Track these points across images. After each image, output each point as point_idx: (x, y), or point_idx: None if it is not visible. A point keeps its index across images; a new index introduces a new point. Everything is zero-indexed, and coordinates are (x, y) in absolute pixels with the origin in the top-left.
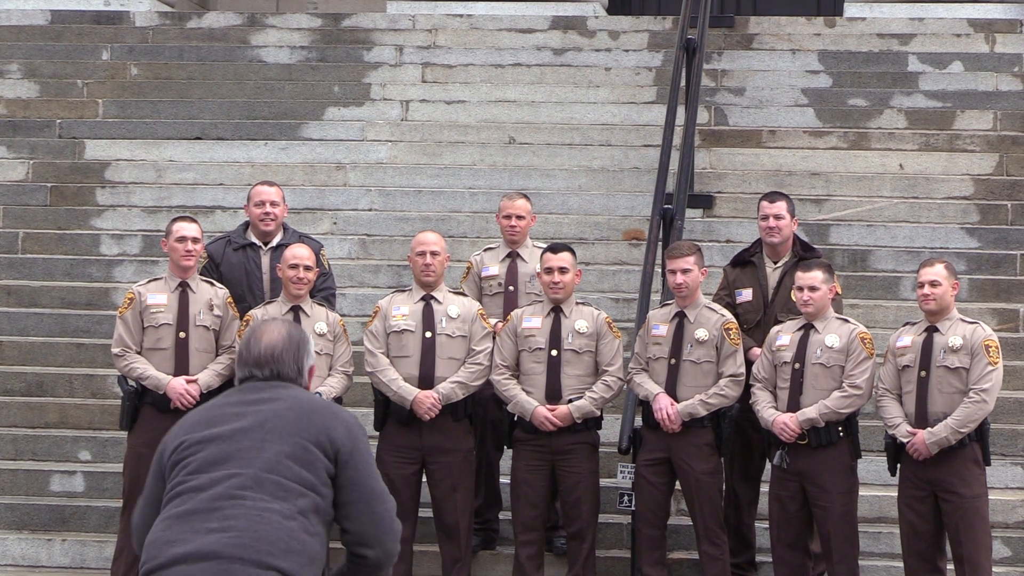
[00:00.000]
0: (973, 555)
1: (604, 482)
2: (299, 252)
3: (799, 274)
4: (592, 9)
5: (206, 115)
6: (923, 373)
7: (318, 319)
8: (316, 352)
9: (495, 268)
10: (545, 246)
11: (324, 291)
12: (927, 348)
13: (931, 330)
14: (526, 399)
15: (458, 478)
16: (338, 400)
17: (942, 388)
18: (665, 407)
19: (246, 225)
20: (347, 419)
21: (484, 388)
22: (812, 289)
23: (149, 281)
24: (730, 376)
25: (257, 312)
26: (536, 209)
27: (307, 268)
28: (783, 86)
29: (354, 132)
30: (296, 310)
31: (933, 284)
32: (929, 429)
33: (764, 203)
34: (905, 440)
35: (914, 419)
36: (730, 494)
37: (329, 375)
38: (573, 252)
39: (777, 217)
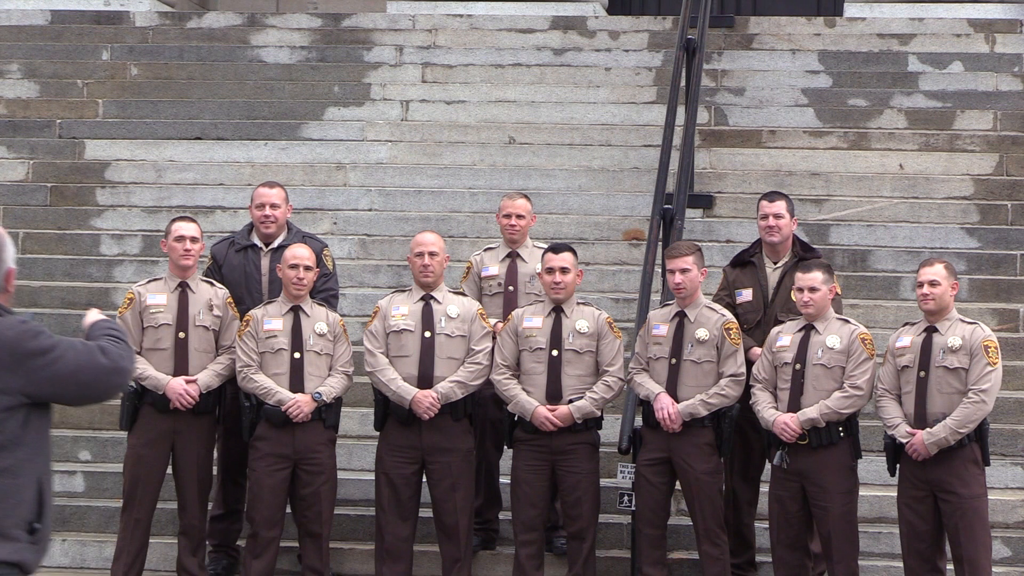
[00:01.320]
0: (972, 555)
1: (604, 482)
2: (299, 252)
3: (799, 275)
4: (592, 9)
5: (206, 115)
6: (922, 373)
7: (318, 319)
8: (316, 352)
9: (495, 268)
10: (546, 246)
11: (324, 292)
12: (926, 348)
13: (930, 330)
14: (526, 399)
15: (458, 478)
16: (338, 400)
17: (941, 388)
18: (666, 407)
19: (250, 226)
20: (9, 336)
21: (484, 388)
22: (812, 290)
23: (149, 281)
24: (731, 376)
25: (257, 312)
26: (536, 209)
27: (307, 268)
28: (783, 86)
29: (354, 132)
30: (296, 310)
31: (932, 284)
32: (928, 429)
33: (764, 202)
34: (904, 440)
35: (913, 419)
36: (730, 494)
37: (329, 375)
38: (574, 252)
39: (777, 216)
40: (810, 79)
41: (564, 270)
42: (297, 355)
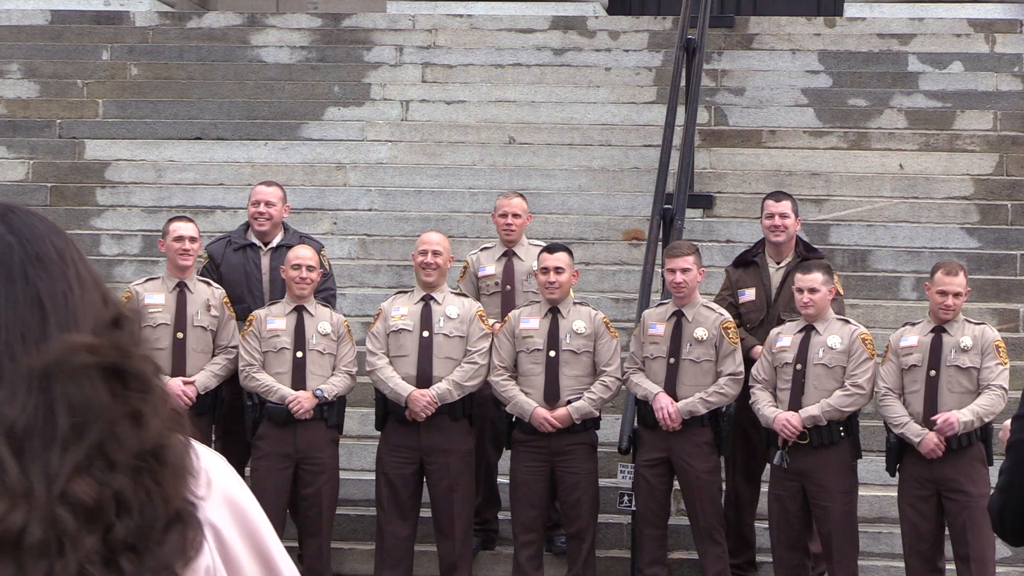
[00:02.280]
0: (980, 554)
1: (604, 482)
2: (302, 253)
3: (799, 276)
4: (592, 9)
5: (206, 115)
6: (932, 372)
7: (322, 319)
8: (319, 352)
9: (491, 267)
10: (543, 245)
11: (324, 292)
12: (936, 348)
13: (938, 330)
14: (525, 400)
15: (456, 478)
16: (341, 400)
17: (952, 387)
18: (665, 406)
19: (247, 225)
20: None
21: (483, 388)
22: (812, 291)
23: (146, 280)
24: (729, 375)
25: (260, 313)
26: (536, 209)
27: (310, 268)
28: (783, 86)
29: (354, 132)
30: (300, 310)
31: (956, 296)
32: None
33: (769, 202)
34: (917, 439)
35: (922, 419)
36: (730, 494)
37: (332, 375)
38: (570, 252)
39: (782, 216)
40: (810, 79)
41: (559, 270)
42: (299, 354)
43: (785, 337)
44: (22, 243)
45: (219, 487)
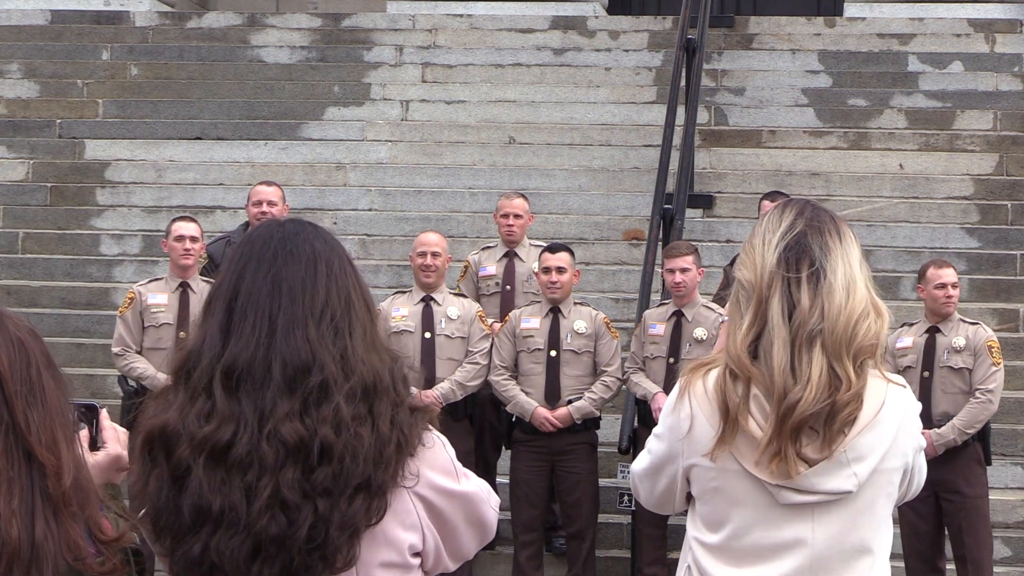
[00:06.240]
0: (976, 555)
1: (604, 482)
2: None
3: None
4: (592, 9)
5: (206, 115)
6: (926, 374)
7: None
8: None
9: (492, 267)
10: (544, 246)
11: None
12: (930, 348)
13: (933, 331)
14: (525, 400)
15: None
16: None
17: (945, 388)
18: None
19: (246, 225)
20: None
21: (483, 388)
22: None
23: (150, 281)
24: None
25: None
26: (536, 209)
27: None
28: (783, 86)
29: (354, 132)
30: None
31: (954, 285)
32: (936, 430)
33: (765, 202)
34: None
35: None
36: None
37: None
38: (571, 252)
39: None
40: (810, 79)
41: (560, 270)
42: None
43: None
44: (283, 239)
45: (427, 472)
